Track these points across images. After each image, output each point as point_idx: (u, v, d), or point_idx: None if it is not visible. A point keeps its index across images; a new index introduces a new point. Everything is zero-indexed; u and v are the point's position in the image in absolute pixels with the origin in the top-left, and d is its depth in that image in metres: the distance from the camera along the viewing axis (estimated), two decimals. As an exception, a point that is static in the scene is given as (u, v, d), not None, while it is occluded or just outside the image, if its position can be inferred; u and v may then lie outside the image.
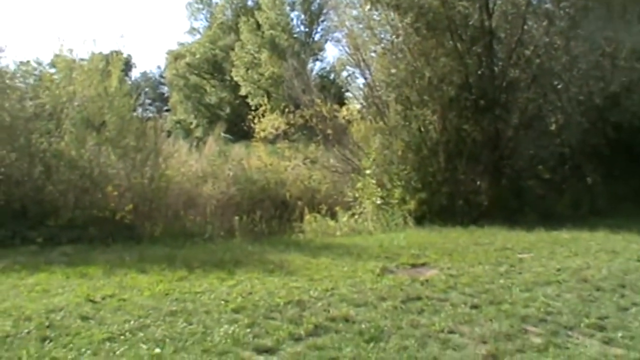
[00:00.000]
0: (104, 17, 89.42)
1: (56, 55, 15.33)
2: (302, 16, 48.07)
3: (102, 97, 14.21)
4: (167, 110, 57.61)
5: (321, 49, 48.25)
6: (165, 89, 69.72)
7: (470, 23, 15.55)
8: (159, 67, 74.85)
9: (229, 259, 10.49)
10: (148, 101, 65.22)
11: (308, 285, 8.48)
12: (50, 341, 6.17)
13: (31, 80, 15.65)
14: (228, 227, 14.21)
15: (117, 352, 5.85)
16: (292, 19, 46.98)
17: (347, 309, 7.23)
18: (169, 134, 25.72)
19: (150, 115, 40.41)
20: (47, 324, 6.70)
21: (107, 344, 6.08)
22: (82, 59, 15.26)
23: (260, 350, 5.98)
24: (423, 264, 9.96)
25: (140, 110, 27.91)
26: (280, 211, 15.94)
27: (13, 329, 6.55)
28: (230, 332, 6.44)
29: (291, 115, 20.41)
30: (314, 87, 21.09)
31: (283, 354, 5.89)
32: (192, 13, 56.99)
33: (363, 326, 6.54)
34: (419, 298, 7.73)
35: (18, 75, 14.95)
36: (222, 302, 7.66)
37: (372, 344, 6.03)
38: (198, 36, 56.00)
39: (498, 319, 6.81)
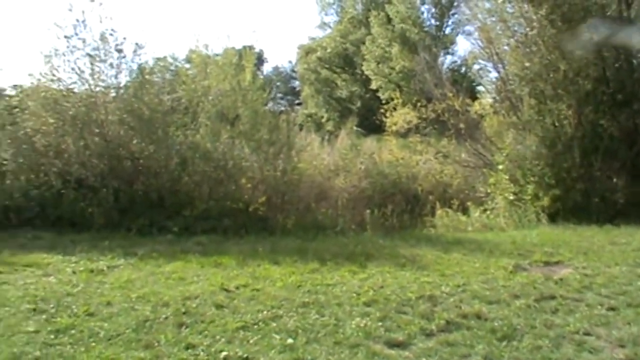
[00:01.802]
0: (237, 13, 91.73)
1: (191, 51, 15.97)
2: (433, 9, 47.48)
3: (236, 91, 14.60)
4: (299, 104, 58.51)
5: (452, 42, 47.55)
6: (296, 83, 70.84)
7: (608, 14, 14.94)
8: (290, 62, 76.21)
9: (360, 252, 10.56)
10: (279, 95, 66.42)
11: (439, 281, 8.47)
12: (187, 327, 6.49)
13: (167, 75, 16.32)
14: (359, 220, 14.31)
15: (251, 341, 6.07)
16: (422, 13, 46.52)
17: (479, 305, 7.19)
18: (301, 127, 26.17)
19: (282, 109, 41.31)
20: (183, 310, 7.06)
21: (241, 332, 6.32)
22: (216, 54, 15.81)
23: (392, 345, 6.03)
24: (557, 262, 9.71)
25: (271, 104, 28.46)
26: (411, 205, 15.89)
27: (152, 313, 6.94)
28: (361, 325, 6.52)
29: (423, 109, 20.29)
30: (446, 80, 20.84)
31: (414, 349, 5.92)
32: (323, 8, 57.60)
33: (495, 324, 6.49)
34: (552, 297, 7.57)
35: (156, 70, 15.60)
36: (354, 295, 7.76)
37: (504, 343, 5.98)
38: (329, 30, 56.53)
39: (637, 323, 6.56)
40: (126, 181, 13.24)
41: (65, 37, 13.71)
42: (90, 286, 8.15)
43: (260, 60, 37.22)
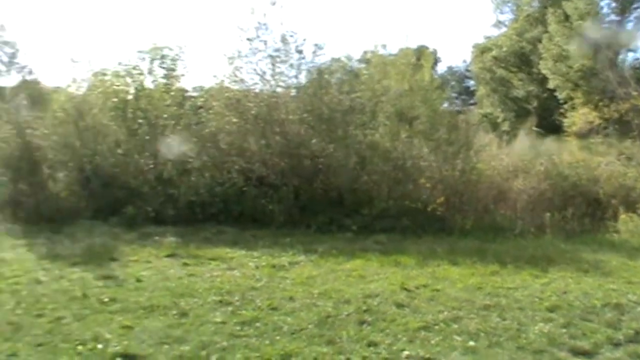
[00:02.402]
0: (410, 13, 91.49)
1: (368, 51, 16.02)
2: (613, 4, 44.78)
3: (414, 91, 14.45)
4: (472, 104, 57.46)
5: (635, 39, 44.52)
6: (470, 83, 69.60)
7: None
8: (464, 61, 74.94)
9: (540, 255, 10.22)
10: (454, 95, 65.56)
11: (625, 289, 8.06)
12: (368, 325, 6.49)
13: (343, 76, 16.45)
14: (538, 223, 13.70)
15: (432, 342, 5.98)
16: (602, 8, 43.99)
17: (671, 316, 6.65)
18: (478, 127, 25.63)
19: (458, 108, 40.69)
20: (364, 308, 7.06)
21: (422, 332, 6.24)
22: (393, 54, 15.74)
23: (577, 352, 5.78)
24: None
25: (447, 104, 28.10)
26: (592, 209, 15.01)
27: (333, 310, 7.00)
28: (545, 330, 6.31)
29: (605, 109, 19.17)
30: (630, 78, 19.54)
31: (601, 359, 5.63)
32: (498, 6, 56.02)
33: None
34: None
35: (334, 71, 15.76)
36: (536, 299, 7.53)
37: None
38: (504, 29, 54.95)
39: None
40: (306, 179, 13.47)
41: (248, 39, 14.18)
42: (272, 281, 8.37)
43: (435, 59, 36.97)
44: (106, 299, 7.36)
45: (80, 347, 5.82)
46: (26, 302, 7.29)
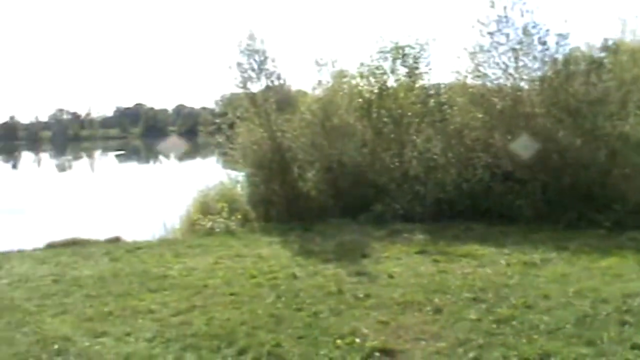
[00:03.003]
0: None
1: (610, 39, 15.01)
2: None
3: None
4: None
5: None
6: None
7: None
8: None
9: None
10: None
11: None
12: (630, 326, 6.12)
13: (587, 65, 15.54)
14: None
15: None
16: None
17: None
18: None
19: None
20: (624, 308, 6.65)
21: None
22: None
23: None
24: None
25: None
26: None
27: (591, 309, 6.66)
28: None
29: None
30: None
31: None
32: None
33: None
34: None
35: (579, 60, 14.94)
36: None
37: None
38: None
39: None
40: (553, 174, 12.91)
41: (489, 33, 13.87)
42: (525, 279, 8.12)
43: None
44: (361, 295, 7.58)
45: (339, 341, 6.03)
46: (285, 296, 7.73)
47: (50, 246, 12.62)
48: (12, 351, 6.15)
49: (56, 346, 6.23)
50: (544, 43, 13.70)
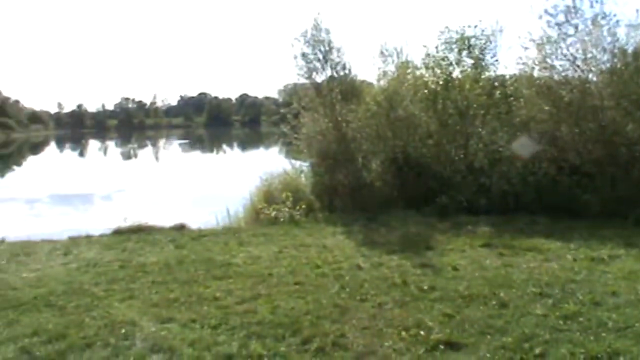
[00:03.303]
0: None
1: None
2: None
3: None
4: None
5: None
6: None
7: None
8: None
9: None
10: None
11: None
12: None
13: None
14: None
15: None
16: None
17: None
18: None
19: None
20: None
21: None
22: None
23: None
24: None
25: None
26: None
27: (662, 308, 6.52)
28: None
29: None
30: None
31: None
32: None
33: None
34: None
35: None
36: None
37: None
38: None
39: None
40: (622, 168, 12.69)
41: (557, 24, 13.66)
42: (592, 275, 8.02)
43: None
44: (425, 287, 7.61)
45: (403, 333, 6.08)
46: (349, 286, 7.81)
47: (117, 232, 12.95)
48: (81, 334, 6.35)
49: (123, 330, 6.41)
50: (613, 34, 13.42)
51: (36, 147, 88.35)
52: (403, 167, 14.31)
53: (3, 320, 6.95)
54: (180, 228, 13.30)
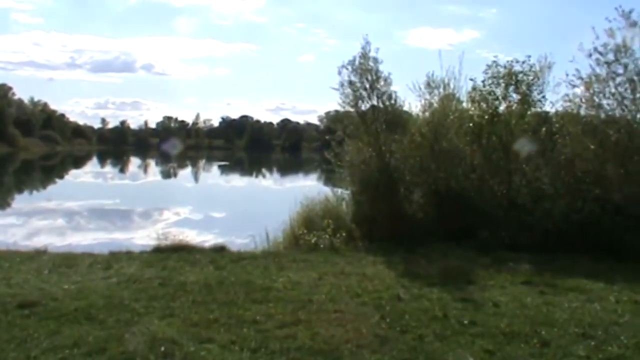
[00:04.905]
0: None
1: None
2: None
3: None
4: None
5: None
6: None
7: None
8: None
9: None
10: None
11: None
12: None
13: None
14: None
15: None
16: None
17: None
18: None
19: None
20: None
21: None
22: None
23: None
24: None
25: None
26: None
27: None
28: None
29: None
30: None
31: None
32: None
33: None
34: None
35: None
36: None
37: None
38: None
39: None
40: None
41: (606, 63, 13.60)
42: (636, 318, 7.92)
43: None
44: (466, 321, 7.60)
45: (444, 367, 5.99)
46: (390, 317, 7.80)
47: (157, 250, 13.09)
48: (121, 349, 6.42)
49: (163, 348, 6.43)
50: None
51: (78, 161, 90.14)
52: (445, 199, 14.28)
53: (44, 329, 7.07)
54: (220, 249, 13.37)
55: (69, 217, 26.07)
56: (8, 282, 9.60)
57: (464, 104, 15.74)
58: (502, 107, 14.91)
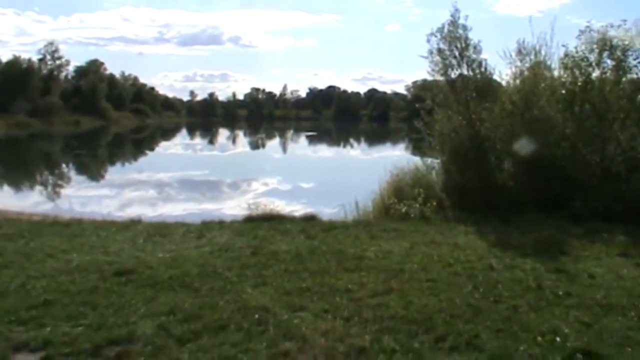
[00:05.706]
0: None
1: None
2: None
3: None
4: None
5: None
6: None
7: None
8: None
9: None
10: None
11: None
12: None
13: None
14: None
15: None
16: None
17: None
18: None
19: None
20: None
21: None
22: None
23: None
24: None
25: None
26: None
27: None
28: None
29: None
30: None
31: None
32: None
33: None
34: None
35: None
36: None
37: None
38: None
39: None
40: None
41: None
42: None
43: None
44: (560, 293, 7.58)
45: (539, 338, 6.08)
46: (483, 287, 7.84)
47: (248, 219, 13.31)
48: (215, 316, 6.60)
49: (256, 316, 6.59)
50: None
51: (168, 133, 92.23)
52: (536, 168, 14.09)
53: (141, 296, 7.35)
54: (311, 219, 13.60)
55: (160, 188, 26.86)
56: (105, 250, 10.02)
57: (556, 72, 15.43)
58: (595, 74, 14.57)
